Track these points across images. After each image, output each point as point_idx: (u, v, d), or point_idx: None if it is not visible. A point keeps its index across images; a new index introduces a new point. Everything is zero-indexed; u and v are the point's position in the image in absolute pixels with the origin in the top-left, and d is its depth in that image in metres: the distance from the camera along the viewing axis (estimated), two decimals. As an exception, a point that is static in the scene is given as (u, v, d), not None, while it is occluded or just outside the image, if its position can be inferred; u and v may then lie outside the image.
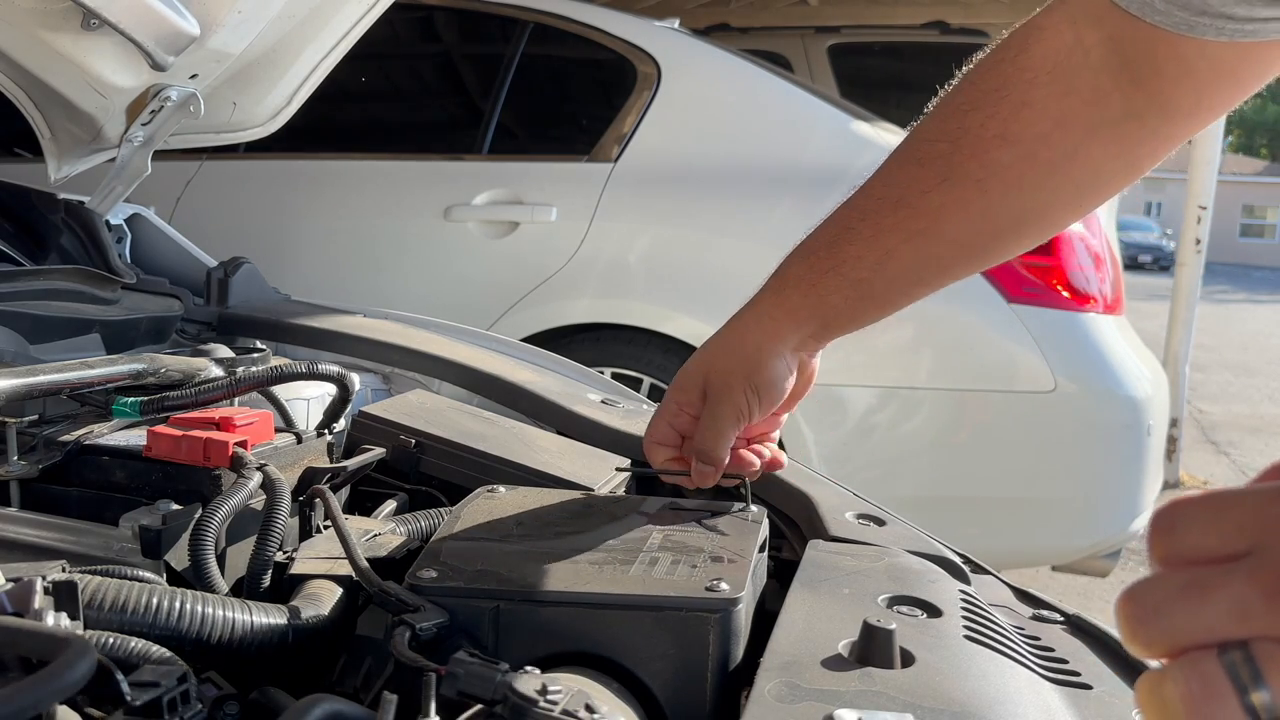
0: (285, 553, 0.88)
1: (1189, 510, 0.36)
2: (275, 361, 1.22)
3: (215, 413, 0.96)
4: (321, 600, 0.80)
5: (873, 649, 0.66)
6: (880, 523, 0.98)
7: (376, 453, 1.07)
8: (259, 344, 1.34)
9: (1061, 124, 0.83)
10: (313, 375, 1.06)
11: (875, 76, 5.42)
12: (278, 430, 1.02)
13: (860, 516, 0.99)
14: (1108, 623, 0.81)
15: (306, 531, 0.94)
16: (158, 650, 0.66)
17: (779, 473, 1.09)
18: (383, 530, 0.93)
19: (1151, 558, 0.37)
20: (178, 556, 0.84)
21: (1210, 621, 0.34)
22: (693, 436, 0.92)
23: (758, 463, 0.95)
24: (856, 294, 0.88)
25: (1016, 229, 0.89)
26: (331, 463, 1.05)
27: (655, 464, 0.94)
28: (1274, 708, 0.33)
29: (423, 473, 1.10)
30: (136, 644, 0.65)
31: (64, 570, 0.71)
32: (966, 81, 0.86)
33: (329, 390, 1.14)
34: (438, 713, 0.60)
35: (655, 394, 2.68)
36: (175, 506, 0.86)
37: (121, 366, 1.02)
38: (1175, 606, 0.35)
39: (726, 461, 0.91)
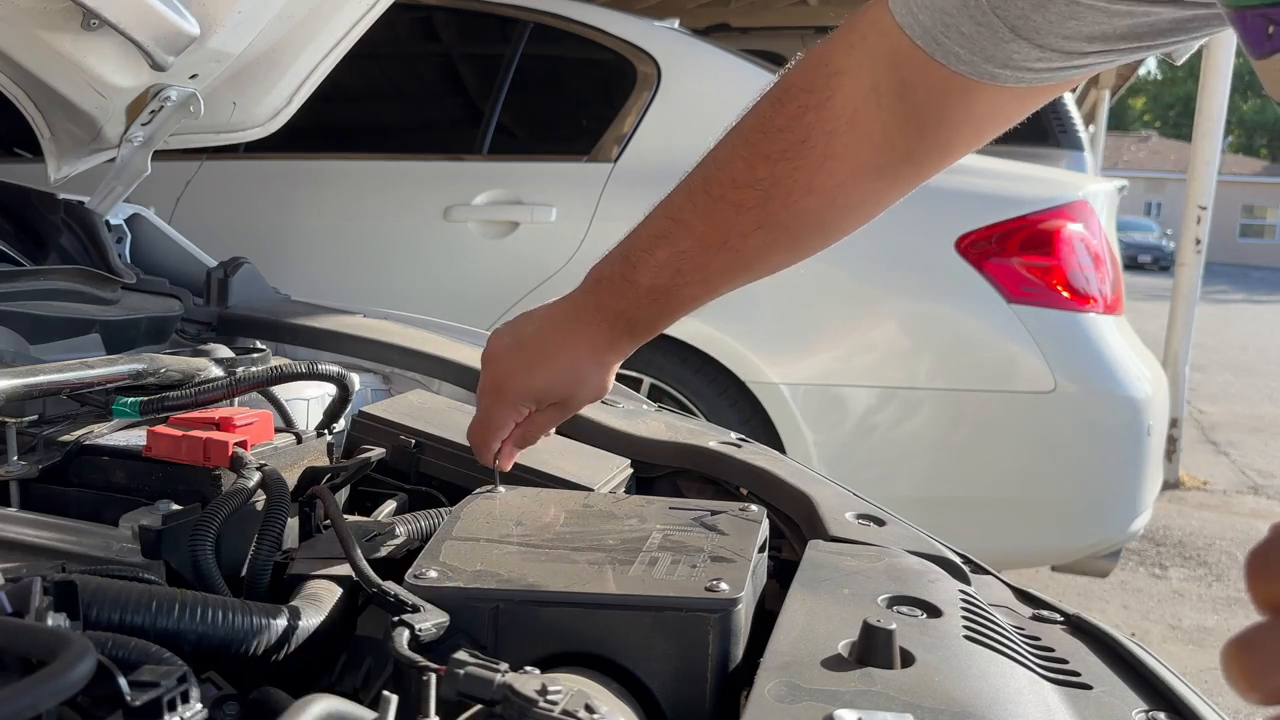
0: (285, 553, 0.88)
1: None
2: (275, 361, 1.22)
3: (215, 413, 0.96)
4: (321, 600, 0.80)
5: (873, 649, 0.65)
6: (880, 523, 0.98)
7: (376, 453, 1.07)
8: (259, 344, 1.33)
9: (856, 172, 0.90)
10: (313, 375, 1.06)
11: (875, 76, 5.41)
12: (278, 430, 1.02)
13: (860, 516, 0.99)
14: (1108, 623, 0.82)
15: (306, 531, 0.93)
16: (158, 650, 0.66)
17: (779, 473, 1.09)
18: (383, 530, 0.93)
19: (1257, 604, 0.35)
20: (178, 557, 0.84)
21: None
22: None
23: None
24: (664, 301, 0.96)
25: (818, 252, 0.98)
26: (331, 463, 1.05)
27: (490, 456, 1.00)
28: None
29: (423, 473, 1.11)
30: (136, 644, 0.65)
31: (64, 570, 0.71)
32: (774, 128, 0.92)
33: (329, 390, 1.14)
34: (438, 713, 0.60)
35: (655, 394, 2.68)
36: (175, 506, 0.86)
37: (121, 366, 1.02)
38: None
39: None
